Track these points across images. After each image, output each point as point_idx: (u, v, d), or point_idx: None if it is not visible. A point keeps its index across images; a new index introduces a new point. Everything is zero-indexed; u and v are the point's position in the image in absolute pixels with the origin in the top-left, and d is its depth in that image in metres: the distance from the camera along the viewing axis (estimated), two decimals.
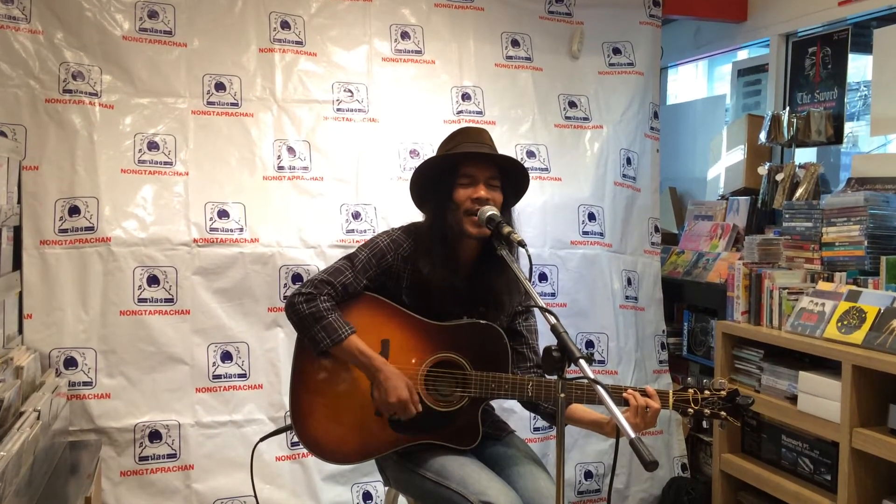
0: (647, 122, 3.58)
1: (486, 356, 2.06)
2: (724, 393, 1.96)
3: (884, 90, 3.08)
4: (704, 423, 1.97)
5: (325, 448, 2.08)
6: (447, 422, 2.06)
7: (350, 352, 2.02)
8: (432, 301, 2.11)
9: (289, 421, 2.19)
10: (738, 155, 3.81)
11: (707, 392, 1.96)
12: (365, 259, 2.10)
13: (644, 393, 1.93)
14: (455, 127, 3.18)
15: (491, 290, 2.11)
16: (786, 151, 3.62)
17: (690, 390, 1.97)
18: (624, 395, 1.92)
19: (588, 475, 3.31)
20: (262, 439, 2.42)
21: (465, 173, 2.07)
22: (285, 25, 3.12)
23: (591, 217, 3.39)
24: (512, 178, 2.15)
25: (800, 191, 3.26)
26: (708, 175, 4.16)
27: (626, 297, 3.43)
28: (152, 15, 2.96)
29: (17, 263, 2.69)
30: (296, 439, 2.87)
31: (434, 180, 2.12)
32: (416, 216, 2.28)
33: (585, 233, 3.36)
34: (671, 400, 1.96)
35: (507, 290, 2.11)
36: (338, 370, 2.08)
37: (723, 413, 1.94)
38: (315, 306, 2.01)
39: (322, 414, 2.07)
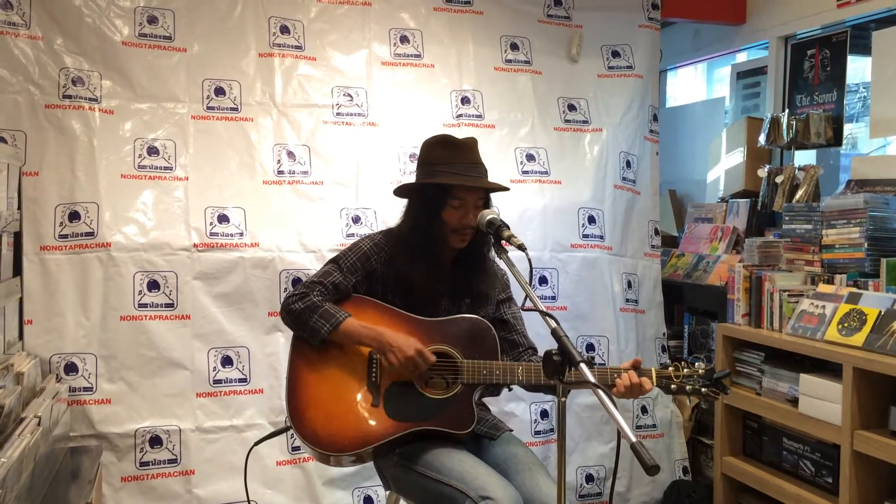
0: (647, 124, 3.58)
1: (477, 347, 2.11)
2: (701, 371, 2.03)
3: (883, 92, 3.08)
4: (688, 401, 2.03)
5: (323, 439, 2.07)
6: (442, 408, 2.08)
7: (351, 331, 2.07)
8: (418, 299, 2.16)
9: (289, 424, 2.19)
10: (738, 157, 3.82)
11: (686, 370, 2.03)
12: (350, 262, 2.17)
13: (639, 372, 1.99)
14: (455, 131, 3.23)
15: (472, 282, 2.19)
16: (785, 153, 3.63)
17: (671, 367, 2.03)
18: (618, 381, 1.97)
19: (589, 479, 3.31)
20: (258, 442, 2.43)
21: (458, 197, 2.12)
22: (285, 30, 3.13)
23: (591, 220, 3.39)
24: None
25: (799, 193, 3.26)
26: (707, 177, 4.16)
27: (627, 300, 3.43)
28: (152, 20, 2.97)
29: (18, 269, 2.69)
30: (297, 443, 2.89)
31: (424, 192, 2.16)
32: None
33: (585, 236, 3.36)
34: (654, 377, 2.00)
35: (487, 281, 2.20)
36: (334, 365, 2.11)
37: (704, 389, 2.00)
38: (309, 300, 2.08)
39: (319, 407, 2.09)
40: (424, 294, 2.16)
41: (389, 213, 3.07)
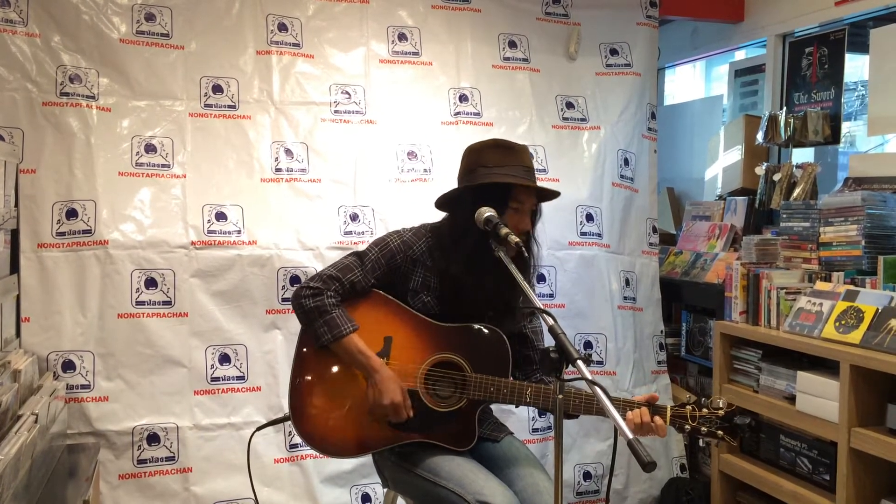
0: (645, 122, 3.58)
1: (488, 360, 2.07)
2: (721, 412, 1.93)
3: (881, 90, 3.08)
4: (701, 441, 1.95)
5: (321, 440, 2.08)
6: (444, 422, 2.06)
7: (349, 349, 2.03)
8: (440, 302, 2.12)
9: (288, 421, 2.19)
10: (736, 155, 3.82)
11: (705, 410, 1.94)
12: (374, 258, 2.12)
13: (651, 408, 1.92)
14: (453, 129, 3.24)
15: (504, 295, 2.10)
16: (783, 151, 3.63)
17: (688, 407, 1.95)
18: (629, 414, 1.90)
19: (587, 476, 3.31)
20: (259, 429, 2.44)
21: (518, 199, 2.06)
22: (282, 28, 3.12)
23: (589, 218, 3.39)
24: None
25: (797, 191, 3.26)
26: (705, 175, 4.16)
27: (625, 298, 3.43)
28: (149, 17, 2.96)
29: (15, 267, 2.69)
30: (295, 441, 2.89)
31: (480, 194, 2.06)
32: (415, 218, 2.28)
33: (583, 234, 3.37)
34: (668, 415, 1.94)
35: (518, 297, 2.09)
36: (339, 364, 2.09)
37: (719, 432, 1.92)
38: (321, 300, 2.04)
39: (321, 406, 2.08)
40: (450, 297, 2.10)
41: (388, 210, 3.09)
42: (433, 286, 2.12)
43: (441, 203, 2.18)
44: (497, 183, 2.04)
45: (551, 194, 2.16)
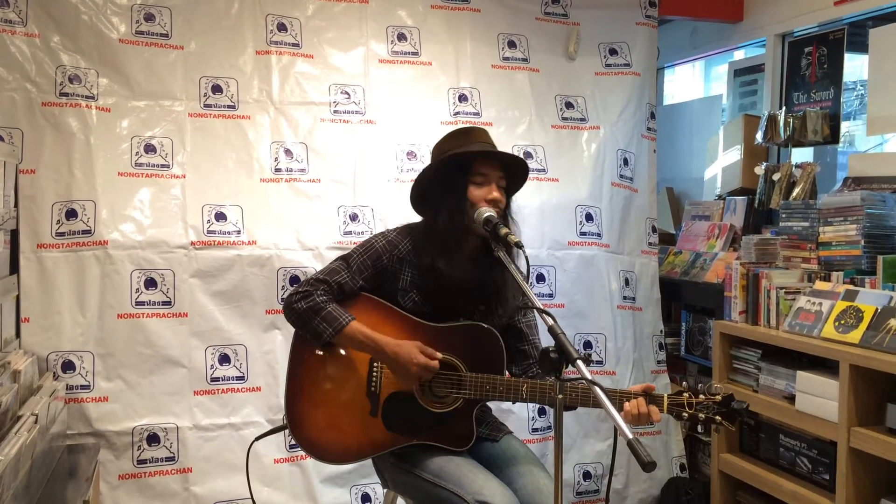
0: (644, 122, 3.59)
1: (482, 358, 2.07)
2: (718, 397, 1.94)
3: (880, 90, 3.08)
4: (700, 428, 1.96)
5: (320, 448, 2.09)
6: (442, 423, 2.06)
7: (353, 337, 2.03)
8: (431, 301, 2.12)
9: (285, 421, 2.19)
10: (735, 155, 3.82)
11: (702, 396, 1.95)
12: (360, 260, 2.12)
13: (648, 397, 1.93)
14: (452, 129, 3.22)
15: (494, 286, 2.12)
16: (782, 151, 3.63)
17: (685, 394, 1.96)
18: (626, 405, 1.91)
19: (587, 476, 3.31)
20: (258, 438, 2.43)
21: (479, 172, 2.08)
22: (282, 28, 3.12)
23: (589, 218, 3.39)
24: (513, 178, 2.18)
25: (796, 190, 3.26)
26: (705, 175, 4.16)
27: (624, 298, 3.44)
28: (149, 18, 2.96)
29: (15, 267, 2.69)
30: (294, 441, 2.89)
31: (444, 178, 2.11)
32: (414, 218, 2.28)
33: (583, 233, 3.37)
34: (665, 404, 1.95)
35: (509, 288, 2.12)
36: (333, 371, 2.09)
37: (717, 418, 1.92)
38: (312, 300, 2.04)
39: (318, 414, 2.08)
40: (439, 296, 2.10)
41: (387, 210, 3.09)
42: (422, 284, 2.12)
43: (414, 199, 2.21)
44: (453, 159, 2.08)
45: (515, 161, 2.16)
